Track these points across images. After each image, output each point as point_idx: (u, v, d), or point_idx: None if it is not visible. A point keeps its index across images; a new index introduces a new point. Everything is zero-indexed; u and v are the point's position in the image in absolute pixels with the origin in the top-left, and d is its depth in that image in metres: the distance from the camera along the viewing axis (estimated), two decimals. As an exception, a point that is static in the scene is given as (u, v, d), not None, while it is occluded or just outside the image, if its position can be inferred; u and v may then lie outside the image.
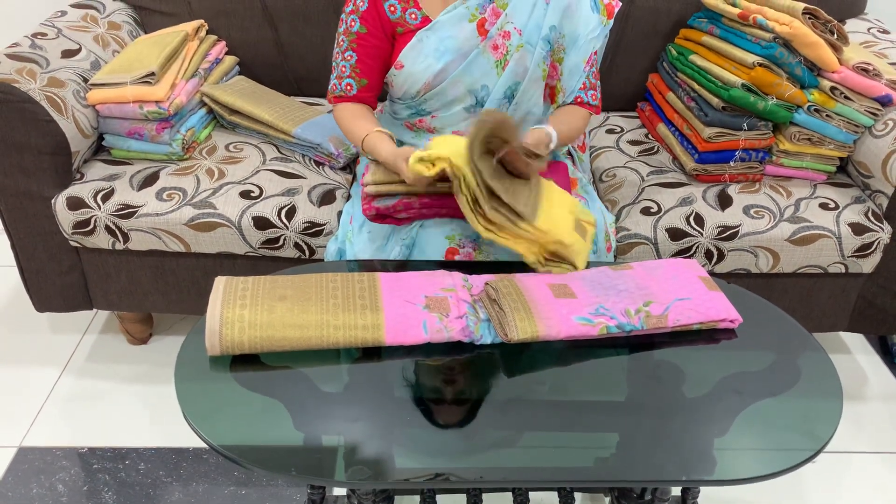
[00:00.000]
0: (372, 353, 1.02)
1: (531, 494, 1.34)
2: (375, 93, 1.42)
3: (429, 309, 1.03)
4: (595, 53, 1.41)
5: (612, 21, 1.39)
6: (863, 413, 1.75)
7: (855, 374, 1.86)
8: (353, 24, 1.35)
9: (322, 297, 1.04)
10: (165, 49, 1.67)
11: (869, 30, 1.89)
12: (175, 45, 1.71)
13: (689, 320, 1.05)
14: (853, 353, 1.93)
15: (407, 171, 1.18)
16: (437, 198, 1.31)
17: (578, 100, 1.44)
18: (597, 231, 1.42)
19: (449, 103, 1.38)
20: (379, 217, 1.34)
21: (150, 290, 1.68)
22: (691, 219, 1.56)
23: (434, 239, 1.30)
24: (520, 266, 1.20)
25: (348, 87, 1.39)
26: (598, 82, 1.49)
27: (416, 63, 1.34)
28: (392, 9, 1.33)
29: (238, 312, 1.01)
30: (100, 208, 1.55)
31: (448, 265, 1.18)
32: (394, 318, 1.02)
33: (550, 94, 1.42)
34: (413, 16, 1.33)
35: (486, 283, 1.10)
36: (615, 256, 1.55)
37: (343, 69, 1.38)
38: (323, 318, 1.01)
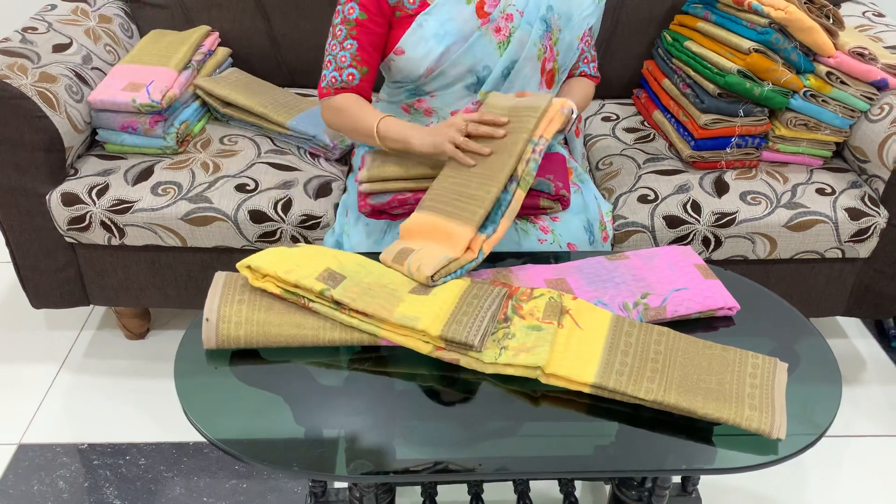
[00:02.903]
0: (371, 346, 1.02)
1: (532, 483, 1.35)
2: (372, 82, 1.37)
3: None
4: (590, 29, 1.44)
5: None
6: (860, 397, 1.76)
7: (852, 357, 1.87)
8: (351, 11, 1.32)
9: None
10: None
11: (864, 13, 1.89)
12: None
13: (687, 311, 1.05)
14: (850, 337, 1.93)
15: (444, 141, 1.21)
16: None
17: (581, 73, 1.49)
18: (592, 220, 1.42)
19: (449, 84, 1.38)
20: (374, 213, 1.34)
21: (146, 286, 1.68)
22: (688, 206, 1.56)
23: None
24: (515, 258, 1.20)
25: (350, 77, 1.33)
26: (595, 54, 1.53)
27: (416, 48, 1.33)
28: None
29: (236, 308, 1.01)
30: (95, 204, 1.54)
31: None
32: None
33: (548, 78, 1.42)
34: (411, 0, 1.32)
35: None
36: (612, 245, 1.55)
37: (343, 59, 1.33)
38: (320, 316, 1.00)
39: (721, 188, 1.60)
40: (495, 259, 1.20)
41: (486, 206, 1.13)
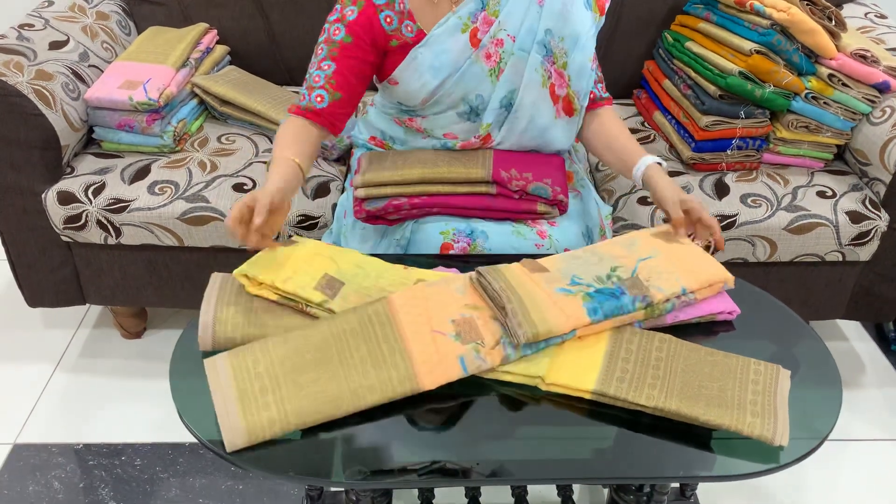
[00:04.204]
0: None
1: (530, 486, 1.34)
2: (348, 111, 1.27)
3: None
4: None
5: (603, 17, 1.37)
6: (859, 400, 1.75)
7: (852, 361, 1.86)
8: (336, 32, 1.25)
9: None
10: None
11: (866, 14, 1.88)
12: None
13: (687, 316, 1.05)
14: (850, 340, 1.93)
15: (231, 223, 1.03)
16: (428, 198, 1.30)
17: (592, 96, 1.40)
18: (592, 226, 1.41)
19: (442, 110, 1.36)
20: (370, 218, 1.33)
21: (143, 285, 1.66)
22: (688, 208, 1.55)
23: (429, 235, 1.29)
24: (509, 262, 1.19)
25: (319, 99, 1.23)
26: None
27: (411, 81, 1.30)
28: (388, 20, 1.27)
29: (232, 310, 1.00)
30: (91, 203, 1.53)
31: (442, 258, 1.17)
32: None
33: (565, 106, 1.37)
34: (409, 28, 1.29)
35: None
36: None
37: (316, 79, 1.24)
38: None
39: (721, 190, 1.59)
40: (489, 263, 1.19)
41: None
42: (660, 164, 1.28)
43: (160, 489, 1.51)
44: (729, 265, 1.59)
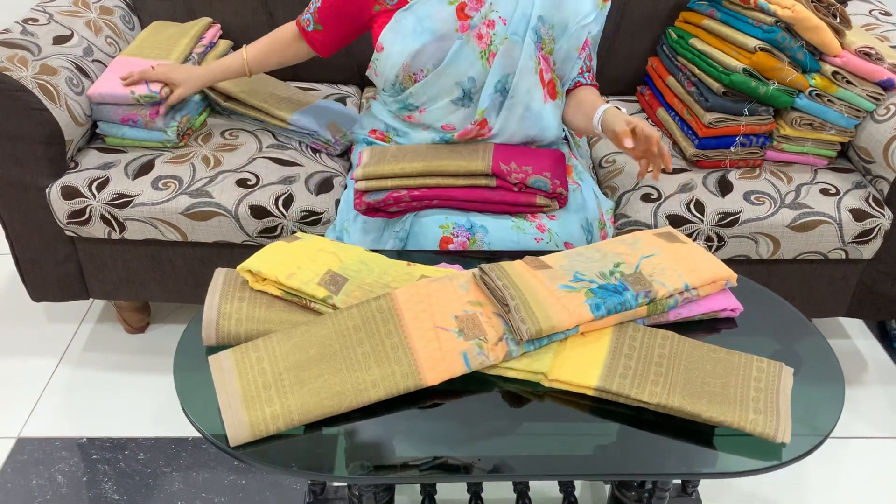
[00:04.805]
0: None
1: (531, 482, 1.35)
2: (326, 43, 1.47)
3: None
4: (591, 37, 1.41)
5: (608, 5, 1.37)
6: (861, 398, 1.75)
7: (854, 359, 1.86)
8: None
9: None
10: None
11: (871, 12, 1.87)
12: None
13: (690, 313, 1.05)
14: (852, 338, 1.93)
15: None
16: (428, 190, 1.31)
17: (577, 85, 1.45)
18: (591, 219, 1.41)
19: (435, 96, 1.37)
20: (370, 210, 1.33)
21: (146, 280, 1.67)
22: (692, 205, 1.55)
23: (428, 228, 1.29)
24: (510, 257, 1.19)
25: (307, 23, 1.46)
26: (593, 63, 1.49)
27: (394, 44, 1.33)
28: None
29: (236, 305, 1.00)
30: (95, 198, 1.53)
31: (443, 255, 1.18)
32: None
33: (551, 90, 1.40)
34: None
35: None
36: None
37: (310, 5, 1.46)
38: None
39: (725, 187, 1.59)
40: (489, 259, 1.19)
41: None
42: (618, 108, 1.30)
43: (163, 483, 1.51)
44: (732, 262, 1.60)
